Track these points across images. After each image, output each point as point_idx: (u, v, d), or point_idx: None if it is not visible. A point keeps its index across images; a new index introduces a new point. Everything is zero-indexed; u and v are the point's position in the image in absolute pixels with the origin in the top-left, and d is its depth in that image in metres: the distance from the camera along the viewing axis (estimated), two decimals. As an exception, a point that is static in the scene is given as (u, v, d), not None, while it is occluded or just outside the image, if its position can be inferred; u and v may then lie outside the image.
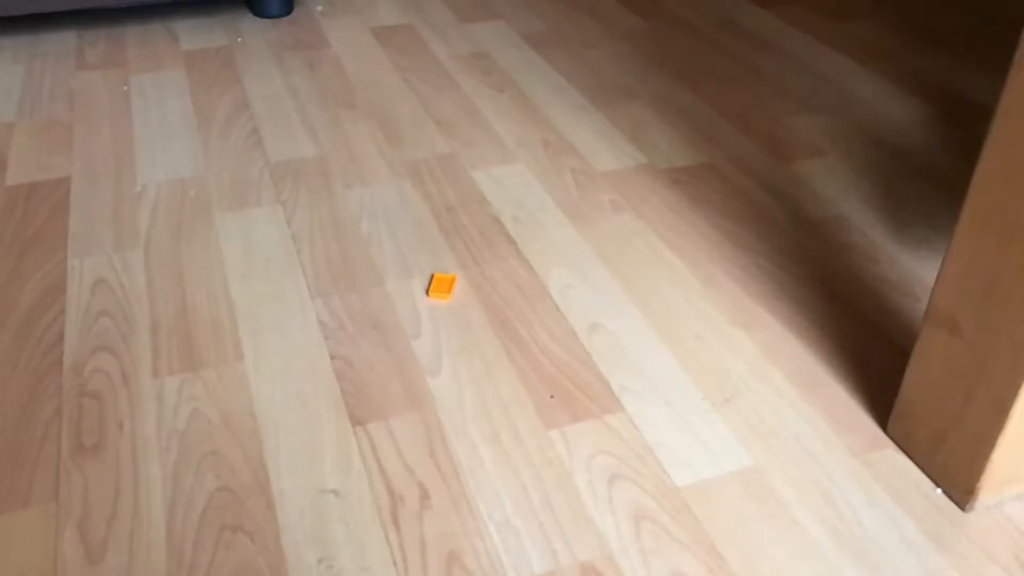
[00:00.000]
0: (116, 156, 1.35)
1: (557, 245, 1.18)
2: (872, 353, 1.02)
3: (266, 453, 0.89)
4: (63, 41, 1.69)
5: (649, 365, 1.00)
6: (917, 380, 0.87)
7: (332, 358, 1.00)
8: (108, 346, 1.01)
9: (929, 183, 1.33)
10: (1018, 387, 0.75)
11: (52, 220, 1.21)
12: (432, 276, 1.09)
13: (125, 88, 1.54)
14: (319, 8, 1.87)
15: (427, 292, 1.08)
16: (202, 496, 0.84)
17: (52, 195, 1.26)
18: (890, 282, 1.13)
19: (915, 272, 1.15)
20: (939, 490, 0.86)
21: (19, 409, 0.93)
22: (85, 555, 0.79)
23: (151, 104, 1.49)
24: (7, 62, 1.61)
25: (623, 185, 1.31)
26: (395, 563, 0.79)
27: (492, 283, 1.11)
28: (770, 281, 1.13)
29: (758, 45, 1.74)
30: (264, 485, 0.85)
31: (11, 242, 1.17)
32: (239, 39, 1.72)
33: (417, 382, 0.97)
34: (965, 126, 1.48)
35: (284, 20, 1.81)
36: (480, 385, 0.97)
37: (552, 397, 0.96)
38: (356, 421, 0.92)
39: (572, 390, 0.97)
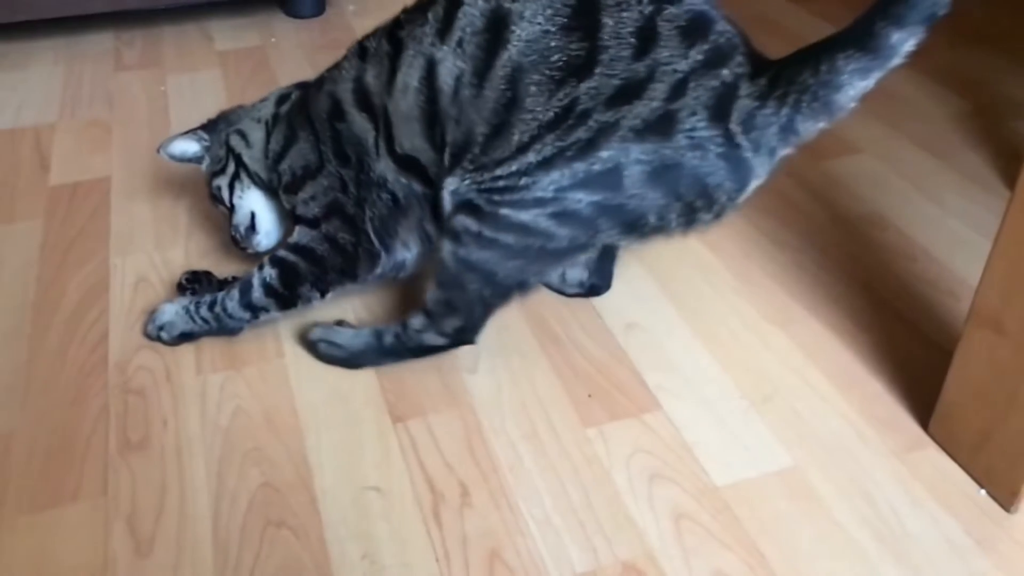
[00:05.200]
0: (155, 156, 1.36)
1: (592, 243, 1.19)
2: (912, 352, 1.01)
3: (308, 450, 0.90)
4: (101, 42, 1.72)
5: (686, 364, 1.00)
6: (960, 380, 0.86)
7: (371, 356, 1.01)
8: (151, 344, 1.02)
9: (967, 180, 1.32)
10: (1065, 388, 0.75)
11: (94, 219, 1.23)
12: None
13: (162, 88, 1.56)
14: (351, 8, 1.88)
15: None
16: (246, 492, 0.85)
17: (93, 195, 1.28)
18: (929, 281, 1.12)
19: (954, 271, 1.13)
20: (983, 491, 0.85)
21: (67, 406, 0.95)
22: (134, 549, 0.80)
23: (188, 104, 1.51)
24: (48, 63, 1.64)
25: (657, 183, 1.31)
26: (437, 560, 0.80)
27: (528, 281, 1.12)
28: (807, 279, 1.13)
29: (790, 41, 1.72)
30: (307, 481, 0.86)
31: (55, 241, 1.19)
32: (272, 39, 1.74)
33: (455, 379, 0.98)
34: (1003, 121, 1.46)
35: (316, 20, 1.82)
36: (517, 383, 0.98)
37: (590, 396, 0.96)
38: (396, 418, 0.93)
39: (609, 389, 0.97)
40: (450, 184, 0.87)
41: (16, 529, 0.82)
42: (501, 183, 0.83)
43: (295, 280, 0.99)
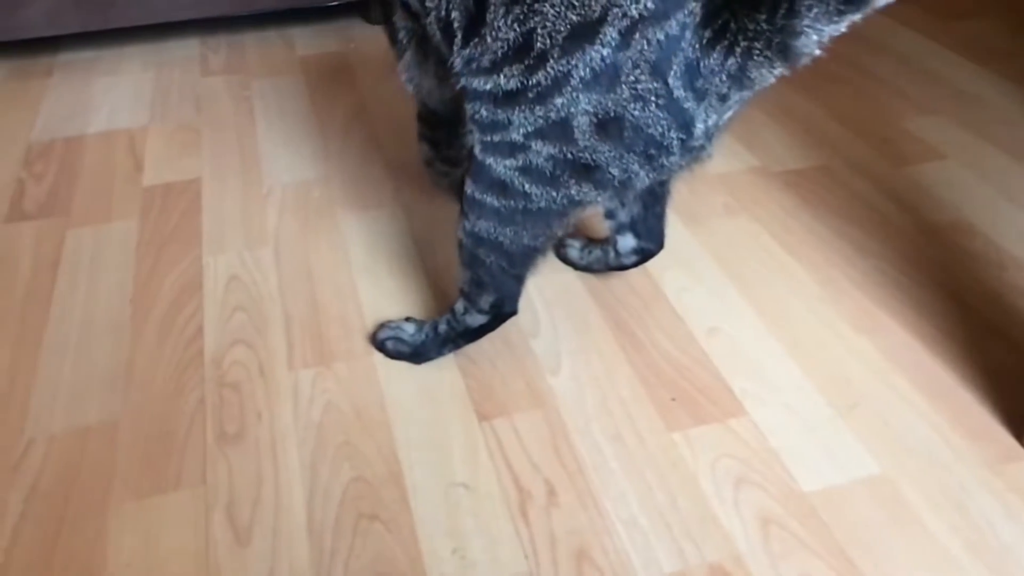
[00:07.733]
0: (242, 158, 1.41)
1: (671, 247, 1.19)
2: (1003, 362, 1.00)
3: (397, 445, 0.92)
4: (187, 48, 1.78)
5: (770, 370, 1.00)
6: (1058, 391, 0.84)
7: (456, 354, 1.03)
8: (244, 340, 1.06)
9: (1058, 187, 1.29)
10: None
11: (186, 219, 1.28)
12: None
13: (247, 93, 1.61)
14: (426, 13, 1.91)
15: None
16: (338, 486, 0.88)
17: (185, 195, 1.33)
18: (1021, 289, 1.10)
19: (1046, 279, 1.11)
20: (1081, 504, 0.83)
21: (166, 398, 0.98)
22: (234, 537, 0.83)
23: (272, 108, 1.55)
24: (138, 69, 1.70)
25: (736, 188, 1.31)
26: (526, 557, 0.81)
27: (607, 285, 1.13)
28: (891, 286, 1.12)
29: (870, 46, 1.71)
30: (397, 476, 0.89)
31: (150, 239, 1.23)
32: (352, 45, 1.77)
33: (538, 380, 0.99)
34: (1095, 128, 1.43)
35: (393, 25, 1.86)
36: (600, 385, 0.99)
37: (673, 400, 0.96)
38: (482, 417, 0.95)
39: (693, 393, 0.97)
40: (457, 66, 0.84)
41: (123, 514, 0.86)
42: (487, 117, 0.82)
43: (434, 153, 1.12)
